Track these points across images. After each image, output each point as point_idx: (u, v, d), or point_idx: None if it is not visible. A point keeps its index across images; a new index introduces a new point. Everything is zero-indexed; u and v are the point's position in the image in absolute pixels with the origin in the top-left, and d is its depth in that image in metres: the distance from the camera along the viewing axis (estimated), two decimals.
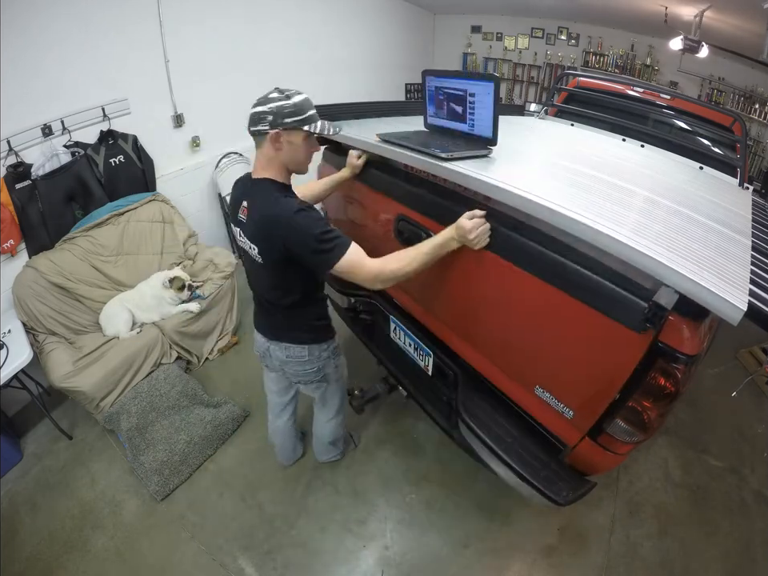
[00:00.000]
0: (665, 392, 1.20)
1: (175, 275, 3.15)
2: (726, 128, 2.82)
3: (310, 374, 1.85)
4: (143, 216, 3.44)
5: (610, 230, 1.07)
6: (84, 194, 3.19)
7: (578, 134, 2.86)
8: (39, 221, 2.95)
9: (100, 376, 2.64)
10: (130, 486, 2.48)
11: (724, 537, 2.24)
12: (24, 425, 2.90)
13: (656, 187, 1.72)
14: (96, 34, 3.05)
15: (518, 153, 1.90)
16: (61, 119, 2.97)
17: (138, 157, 3.45)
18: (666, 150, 2.64)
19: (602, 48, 5.82)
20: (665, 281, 1.00)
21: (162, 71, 3.56)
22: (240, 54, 4.12)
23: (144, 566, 2.13)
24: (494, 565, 2.10)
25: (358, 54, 5.67)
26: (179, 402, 2.78)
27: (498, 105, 1.55)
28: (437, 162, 1.50)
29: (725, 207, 1.75)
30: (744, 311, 0.88)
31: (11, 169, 2.75)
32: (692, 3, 3.98)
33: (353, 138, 1.99)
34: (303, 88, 1.47)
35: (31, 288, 2.79)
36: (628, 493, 2.43)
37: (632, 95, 3.34)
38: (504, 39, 6.49)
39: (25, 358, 2.50)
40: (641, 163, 2.21)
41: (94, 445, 2.75)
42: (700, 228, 1.31)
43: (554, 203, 1.18)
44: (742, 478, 2.54)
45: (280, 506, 2.36)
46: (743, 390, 3.03)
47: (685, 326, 1.09)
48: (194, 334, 3.24)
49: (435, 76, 1.74)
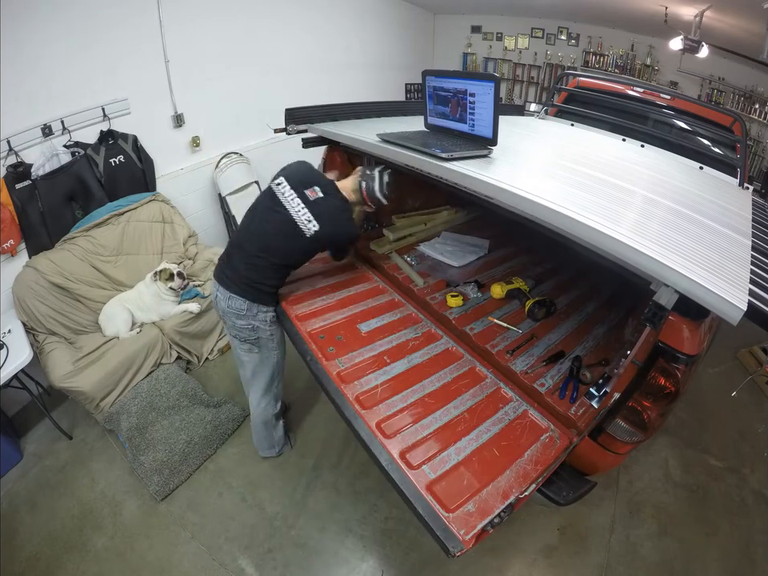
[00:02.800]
0: (665, 392, 1.21)
1: (161, 267, 3.16)
2: (726, 128, 2.82)
3: (244, 330, 1.98)
4: (143, 216, 3.44)
5: (610, 230, 1.07)
6: (84, 194, 3.20)
7: (578, 134, 2.86)
8: (39, 221, 2.96)
9: (100, 376, 2.65)
10: (130, 485, 2.48)
11: (724, 537, 2.24)
12: (24, 425, 2.90)
13: (656, 187, 1.72)
14: (96, 33, 3.05)
15: (518, 153, 1.90)
16: (61, 119, 2.97)
17: (138, 157, 3.45)
18: (666, 149, 2.64)
19: (602, 48, 5.82)
20: (664, 280, 1.00)
21: (162, 71, 3.57)
22: (240, 54, 4.12)
23: (144, 566, 2.13)
24: (493, 564, 2.11)
25: (359, 54, 5.67)
26: (179, 401, 2.79)
27: (498, 105, 1.55)
28: (437, 162, 1.50)
29: (725, 207, 1.75)
30: (744, 311, 0.88)
31: (11, 169, 2.75)
32: (692, 3, 3.98)
33: (353, 138, 2.00)
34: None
35: (31, 288, 2.79)
36: (628, 493, 2.43)
37: (632, 95, 3.34)
38: (504, 39, 6.47)
39: (25, 357, 2.51)
40: (641, 163, 2.21)
41: (94, 445, 2.75)
42: (700, 228, 1.31)
43: (553, 203, 1.18)
44: (741, 478, 2.54)
45: (280, 506, 2.36)
46: (743, 389, 3.03)
47: (685, 325, 1.09)
48: (194, 333, 3.24)
49: (435, 76, 1.75)
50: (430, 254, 2.65)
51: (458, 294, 2.22)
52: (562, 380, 1.73)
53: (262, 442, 2.49)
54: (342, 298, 2.24)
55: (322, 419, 2.80)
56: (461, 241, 2.82)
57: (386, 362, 1.81)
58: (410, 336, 1.99)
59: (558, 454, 1.41)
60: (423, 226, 2.95)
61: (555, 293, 2.39)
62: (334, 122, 2.43)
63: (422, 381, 1.70)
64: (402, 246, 2.76)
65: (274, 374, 2.21)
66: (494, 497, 1.25)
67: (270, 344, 2.08)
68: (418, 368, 1.78)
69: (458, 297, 2.18)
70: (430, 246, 2.74)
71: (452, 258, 2.59)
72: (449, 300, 2.18)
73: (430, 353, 1.89)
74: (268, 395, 2.25)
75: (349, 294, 2.26)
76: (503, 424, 1.52)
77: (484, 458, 1.40)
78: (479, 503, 1.22)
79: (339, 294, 2.27)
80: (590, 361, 1.83)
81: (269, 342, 2.07)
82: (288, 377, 2.45)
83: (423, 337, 1.99)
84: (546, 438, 1.48)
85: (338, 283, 2.36)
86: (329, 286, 2.32)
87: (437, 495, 1.26)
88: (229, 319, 1.98)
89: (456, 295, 2.20)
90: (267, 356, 2.12)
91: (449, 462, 1.34)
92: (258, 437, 2.46)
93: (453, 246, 2.74)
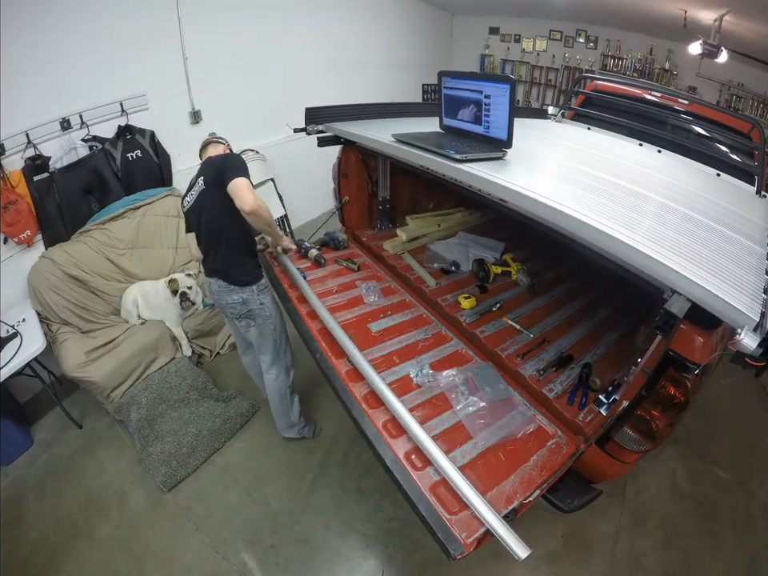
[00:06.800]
0: (674, 401, 1.19)
1: (175, 277, 3.15)
2: (745, 134, 2.78)
3: (236, 305, 2.12)
4: (159, 210, 3.48)
5: (622, 234, 1.06)
6: (101, 188, 3.24)
7: (594, 137, 2.84)
8: (56, 213, 3.00)
9: (112, 367, 2.69)
10: (138, 476, 2.51)
11: (729, 550, 2.21)
12: (35, 412, 2.95)
13: (672, 194, 1.70)
14: (115, 29, 3.09)
15: (532, 156, 1.89)
16: (79, 113, 3.02)
17: (155, 152, 3.48)
18: (683, 155, 2.61)
19: (620, 51, 5.76)
20: (677, 288, 0.99)
21: (181, 68, 3.61)
22: (258, 52, 4.16)
23: (148, 555, 2.15)
24: (496, 569, 2.09)
25: (376, 54, 5.68)
26: (189, 394, 2.82)
27: (514, 107, 1.54)
28: (451, 163, 1.50)
29: (741, 215, 1.72)
30: (757, 321, 0.86)
31: (30, 161, 2.79)
32: (711, 7, 3.93)
33: (369, 138, 2.00)
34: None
35: (46, 278, 2.84)
36: (634, 502, 2.41)
37: (649, 99, 3.31)
38: (522, 41, 6.44)
39: (38, 346, 2.54)
40: (657, 168, 2.19)
41: (104, 434, 2.79)
42: (714, 236, 1.29)
43: (566, 206, 1.17)
44: (749, 491, 2.50)
45: (285, 502, 2.38)
46: (755, 401, 2.99)
47: (696, 334, 1.08)
48: (208, 330, 3.29)
49: (451, 77, 1.74)
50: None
51: (470, 295, 2.21)
52: (571, 386, 1.72)
53: (281, 419, 2.54)
54: (353, 297, 2.25)
55: (330, 417, 2.80)
56: (476, 242, 2.82)
57: (395, 363, 1.81)
58: (420, 337, 1.99)
59: (564, 460, 1.40)
60: (437, 227, 2.95)
61: (567, 298, 2.38)
62: (351, 121, 2.44)
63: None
64: (415, 248, 2.77)
65: (276, 342, 2.29)
66: (497, 501, 1.25)
67: (263, 313, 2.18)
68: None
69: (470, 298, 2.18)
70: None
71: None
72: (461, 302, 2.17)
73: (439, 354, 1.89)
74: (278, 365, 2.35)
75: (360, 293, 2.27)
76: (510, 428, 1.52)
77: (489, 461, 1.40)
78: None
79: (350, 292, 2.28)
80: (600, 368, 1.82)
81: (261, 311, 2.17)
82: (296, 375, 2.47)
83: (433, 338, 1.99)
84: (552, 443, 1.47)
85: (349, 282, 2.37)
86: (339, 285, 2.33)
87: (440, 497, 1.26)
88: (222, 299, 2.15)
89: (468, 297, 2.19)
90: (264, 326, 2.22)
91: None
92: (277, 414, 2.52)
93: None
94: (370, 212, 3.00)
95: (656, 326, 1.09)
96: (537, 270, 2.61)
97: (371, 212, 3.01)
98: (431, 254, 2.66)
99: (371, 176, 2.84)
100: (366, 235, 2.90)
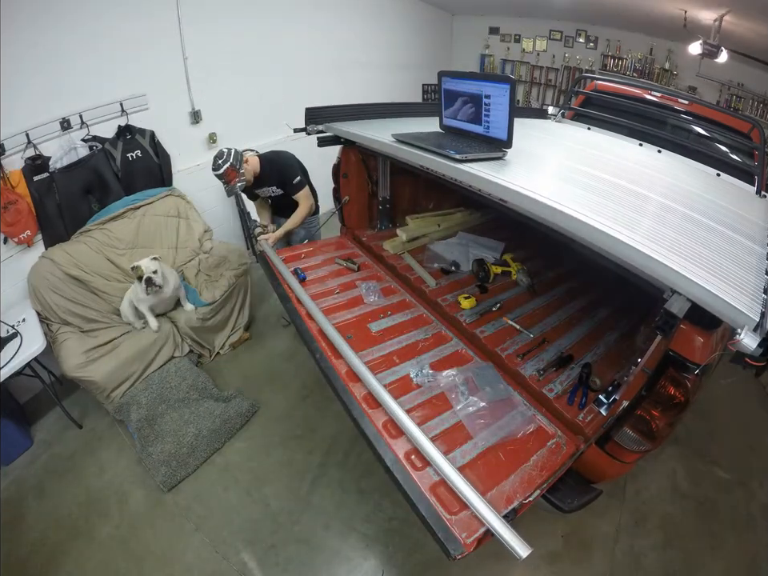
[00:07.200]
0: (674, 401, 1.19)
1: (138, 264, 2.83)
2: (744, 134, 2.78)
3: None
4: (159, 210, 3.47)
5: (621, 234, 1.07)
6: (101, 188, 3.23)
7: (594, 137, 2.84)
8: (56, 213, 3.00)
9: (112, 367, 2.69)
10: (138, 476, 2.51)
11: (729, 551, 2.21)
12: (35, 412, 2.94)
13: (672, 194, 1.70)
14: (116, 29, 3.09)
15: (532, 156, 1.89)
16: (79, 113, 3.01)
17: (155, 152, 3.48)
18: (683, 155, 2.61)
19: (620, 51, 5.76)
20: (677, 288, 0.99)
21: (181, 68, 3.61)
22: (258, 52, 4.15)
23: (148, 555, 2.15)
24: (496, 569, 2.09)
25: (376, 54, 5.68)
26: (189, 394, 2.81)
27: (514, 107, 1.54)
28: (451, 163, 1.50)
29: (741, 215, 1.72)
30: (757, 321, 0.86)
31: (29, 161, 2.79)
32: (711, 7, 3.93)
33: (369, 138, 2.00)
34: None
35: (46, 278, 2.83)
36: (634, 502, 2.41)
37: (649, 100, 3.31)
38: (522, 41, 6.45)
39: (38, 346, 2.54)
40: (657, 168, 2.19)
41: (104, 434, 2.79)
42: (715, 236, 1.29)
43: (566, 206, 1.17)
44: (749, 491, 2.50)
45: (285, 502, 2.37)
46: (755, 401, 2.99)
47: (696, 334, 1.08)
48: (209, 328, 3.27)
49: (451, 77, 1.74)
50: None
51: (470, 295, 2.21)
52: (571, 386, 1.72)
53: None
54: (353, 297, 2.25)
55: (330, 416, 2.80)
56: (476, 242, 2.82)
57: (395, 363, 1.81)
58: (420, 337, 1.99)
59: (564, 460, 1.40)
60: (437, 227, 2.95)
61: (567, 298, 2.38)
62: (351, 121, 2.44)
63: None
64: (415, 248, 2.77)
65: None
66: (497, 501, 1.25)
67: None
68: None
69: (470, 298, 2.18)
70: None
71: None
72: (461, 302, 2.17)
73: (439, 354, 1.89)
74: None
75: (360, 293, 2.27)
76: (510, 428, 1.52)
77: (489, 461, 1.40)
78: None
79: (350, 292, 2.28)
80: (600, 368, 1.82)
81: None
82: (295, 373, 2.46)
83: (433, 338, 1.99)
84: (552, 443, 1.47)
85: (349, 282, 2.37)
86: (339, 285, 2.33)
87: (440, 497, 1.26)
88: None
89: (468, 297, 2.19)
90: None
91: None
92: None
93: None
94: (370, 212, 3.00)
95: (656, 325, 1.09)
96: (537, 270, 2.61)
97: (371, 212, 3.01)
98: (431, 254, 2.66)
99: (371, 176, 2.84)
100: (366, 235, 2.90)
